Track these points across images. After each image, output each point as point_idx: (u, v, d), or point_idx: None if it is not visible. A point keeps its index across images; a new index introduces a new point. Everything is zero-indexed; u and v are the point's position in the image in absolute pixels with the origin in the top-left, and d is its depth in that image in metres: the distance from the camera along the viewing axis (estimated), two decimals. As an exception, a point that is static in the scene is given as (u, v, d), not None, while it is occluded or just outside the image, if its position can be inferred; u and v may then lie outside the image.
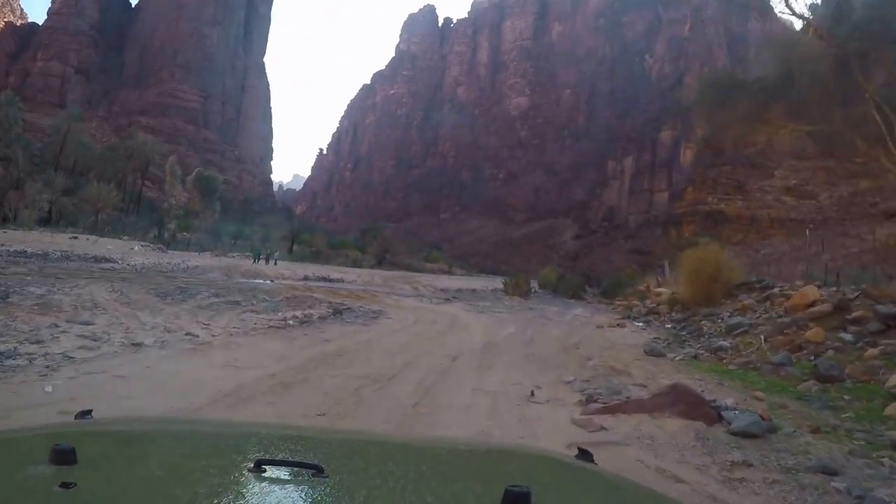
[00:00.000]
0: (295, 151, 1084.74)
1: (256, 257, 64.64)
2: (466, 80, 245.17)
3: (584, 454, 2.40)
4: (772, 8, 48.41)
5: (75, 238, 55.10)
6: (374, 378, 10.97)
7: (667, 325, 25.38)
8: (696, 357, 16.88)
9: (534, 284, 62.12)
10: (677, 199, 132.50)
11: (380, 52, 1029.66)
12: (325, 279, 47.41)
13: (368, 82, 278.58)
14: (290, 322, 18.43)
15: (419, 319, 22.62)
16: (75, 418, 2.43)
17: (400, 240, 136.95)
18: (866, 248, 71.66)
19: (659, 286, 44.19)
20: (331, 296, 28.70)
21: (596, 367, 14.35)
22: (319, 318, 20.17)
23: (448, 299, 37.42)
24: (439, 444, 3.09)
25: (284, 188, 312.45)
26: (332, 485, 1.58)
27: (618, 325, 25.82)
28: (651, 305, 32.36)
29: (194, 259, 49.87)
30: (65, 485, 1.42)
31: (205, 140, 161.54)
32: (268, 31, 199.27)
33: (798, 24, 45.66)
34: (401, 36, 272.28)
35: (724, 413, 9.27)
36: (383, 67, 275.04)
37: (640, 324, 26.68)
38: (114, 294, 19.69)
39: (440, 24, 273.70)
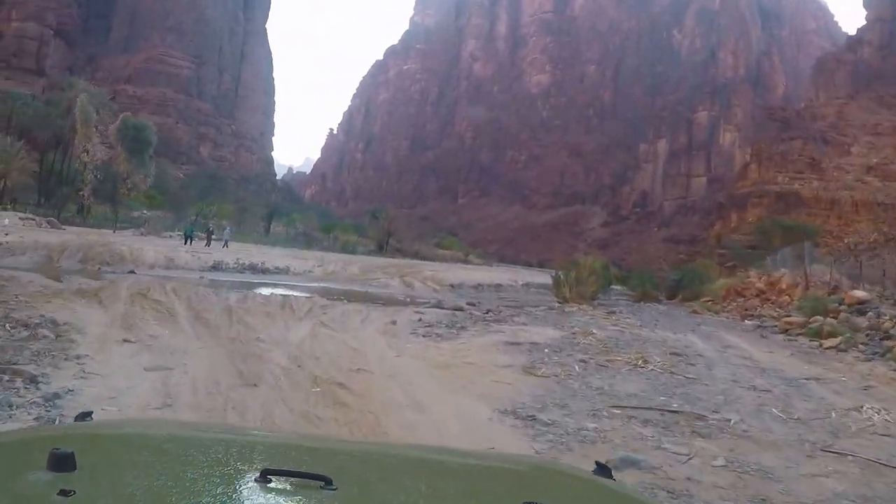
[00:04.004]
0: (307, 134, 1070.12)
1: (188, 237, 49.53)
2: (484, 56, 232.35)
3: (602, 469, 2.27)
4: None
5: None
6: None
7: None
8: None
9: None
10: (741, 177, 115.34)
11: (394, 25, 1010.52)
12: (254, 269, 34.87)
13: (381, 58, 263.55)
14: None
15: None
16: (75, 420, 2.41)
17: (412, 225, 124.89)
18: None
19: (807, 284, 29.25)
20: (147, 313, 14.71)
21: None
22: None
23: (458, 312, 20.54)
24: (453, 456, 2.69)
25: (295, 172, 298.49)
26: (341, 498, 1.56)
27: None
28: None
29: (48, 236, 36.40)
30: (63, 492, 1.40)
31: (198, 111, 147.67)
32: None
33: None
34: (415, 7, 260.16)
35: None
36: (396, 42, 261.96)
37: None
38: None
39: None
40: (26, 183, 66.61)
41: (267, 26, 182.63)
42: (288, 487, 1.54)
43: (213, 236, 52.65)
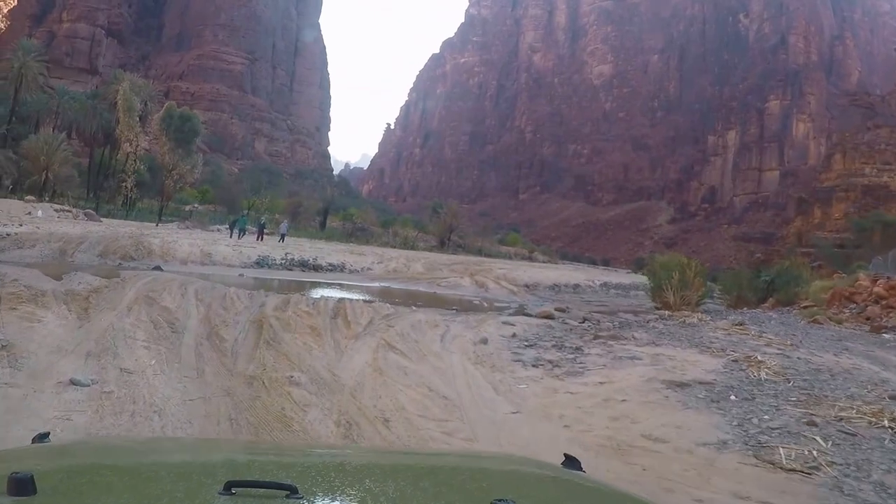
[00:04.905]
0: (364, 130, 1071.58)
1: (237, 230, 45.73)
2: (543, 47, 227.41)
3: (571, 461, 2.36)
4: None
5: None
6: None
7: None
8: None
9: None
10: (824, 169, 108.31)
11: (450, 18, 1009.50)
12: (304, 266, 31.28)
13: (438, 51, 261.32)
14: None
15: None
16: (32, 441, 2.37)
17: (473, 221, 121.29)
18: None
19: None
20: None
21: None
22: None
23: (551, 322, 16.26)
24: (421, 458, 2.80)
25: (352, 167, 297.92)
26: None
27: None
28: None
29: (69, 228, 32.82)
30: None
31: (252, 107, 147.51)
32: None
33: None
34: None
35: None
36: (453, 35, 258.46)
37: None
38: None
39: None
40: (69, 175, 64.94)
41: (320, 22, 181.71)
42: (253, 499, 1.50)
43: (266, 230, 49.17)
